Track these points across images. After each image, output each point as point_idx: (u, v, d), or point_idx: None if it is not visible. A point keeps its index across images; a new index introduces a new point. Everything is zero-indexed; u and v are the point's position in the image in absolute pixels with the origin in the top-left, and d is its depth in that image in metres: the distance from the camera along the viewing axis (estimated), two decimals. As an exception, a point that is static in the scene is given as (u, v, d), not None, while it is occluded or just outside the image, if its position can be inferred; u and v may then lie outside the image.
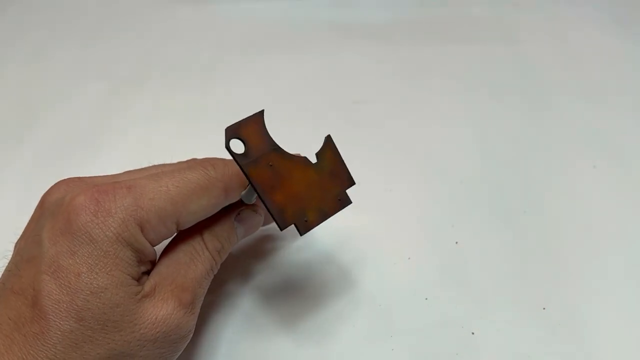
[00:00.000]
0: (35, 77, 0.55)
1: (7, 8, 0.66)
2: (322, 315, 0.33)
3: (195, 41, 0.59)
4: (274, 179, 0.25)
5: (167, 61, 0.56)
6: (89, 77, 0.55)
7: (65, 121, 0.49)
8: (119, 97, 0.52)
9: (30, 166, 0.45)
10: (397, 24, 0.60)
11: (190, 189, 0.26)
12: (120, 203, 0.24)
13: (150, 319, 0.24)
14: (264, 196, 0.25)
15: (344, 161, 0.28)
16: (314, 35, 0.59)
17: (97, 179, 0.28)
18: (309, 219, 0.26)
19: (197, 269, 0.26)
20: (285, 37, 0.59)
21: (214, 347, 0.31)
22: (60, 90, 0.53)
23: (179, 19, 0.63)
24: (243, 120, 0.25)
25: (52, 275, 0.23)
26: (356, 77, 0.52)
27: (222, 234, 0.28)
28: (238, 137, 0.24)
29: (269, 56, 0.56)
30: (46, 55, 0.58)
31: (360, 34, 0.59)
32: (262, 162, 0.25)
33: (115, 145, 0.46)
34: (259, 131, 0.25)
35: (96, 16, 0.65)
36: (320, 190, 0.27)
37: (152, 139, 0.47)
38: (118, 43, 0.60)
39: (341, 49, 0.56)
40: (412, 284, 0.34)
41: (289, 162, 0.26)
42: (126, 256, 0.24)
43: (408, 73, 0.53)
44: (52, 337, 0.22)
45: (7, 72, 0.56)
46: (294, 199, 0.26)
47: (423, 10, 0.62)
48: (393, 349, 0.31)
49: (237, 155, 0.24)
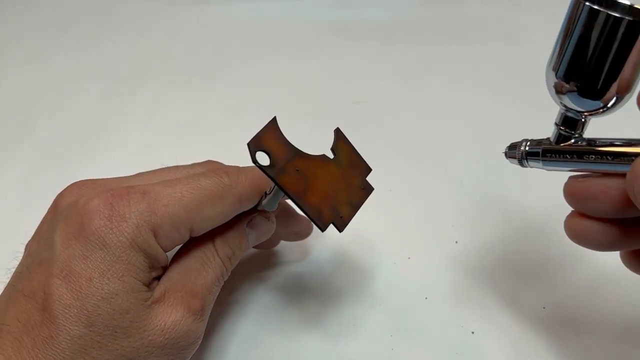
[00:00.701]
0: (35, 77, 0.55)
1: (6, 8, 0.66)
2: (322, 316, 0.33)
3: (195, 41, 0.59)
4: (303, 183, 0.25)
5: (167, 61, 0.57)
6: (88, 77, 0.55)
7: (65, 121, 0.49)
8: (119, 97, 0.52)
9: (31, 166, 0.45)
10: (397, 23, 0.60)
11: (204, 196, 0.25)
12: (135, 208, 0.24)
13: (159, 326, 0.24)
14: (300, 202, 0.25)
15: (357, 151, 0.28)
16: (314, 35, 0.59)
17: (110, 182, 0.28)
18: (343, 214, 0.27)
19: (208, 275, 0.26)
20: (285, 37, 0.59)
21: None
22: (60, 90, 0.53)
23: (179, 19, 0.63)
24: (261, 131, 0.25)
25: (64, 280, 0.22)
26: (356, 77, 0.52)
27: (233, 241, 0.28)
28: (261, 149, 0.24)
29: (269, 56, 0.56)
30: (46, 55, 0.58)
31: (360, 34, 0.59)
32: (290, 169, 0.25)
33: (115, 145, 0.46)
34: (278, 138, 0.25)
35: (96, 16, 0.65)
36: (345, 184, 0.27)
37: (152, 139, 0.47)
38: (118, 43, 0.60)
39: (341, 49, 0.56)
40: (412, 284, 0.34)
41: (312, 163, 0.26)
42: (138, 262, 0.24)
43: (408, 73, 0.53)
44: (61, 342, 0.22)
45: (7, 72, 0.56)
46: (326, 198, 0.26)
47: (423, 10, 0.62)
48: (393, 349, 0.31)
49: (266, 168, 0.24)
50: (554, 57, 0.24)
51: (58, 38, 0.61)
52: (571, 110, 0.24)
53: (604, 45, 0.22)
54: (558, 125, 0.25)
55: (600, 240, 0.25)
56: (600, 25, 0.22)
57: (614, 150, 0.23)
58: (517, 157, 0.26)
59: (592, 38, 0.22)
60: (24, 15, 0.66)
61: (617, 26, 0.21)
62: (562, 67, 0.23)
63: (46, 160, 0.45)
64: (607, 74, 0.22)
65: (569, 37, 0.23)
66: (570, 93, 0.23)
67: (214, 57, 0.56)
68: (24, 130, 0.48)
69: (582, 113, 0.24)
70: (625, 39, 0.21)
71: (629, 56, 0.22)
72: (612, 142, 0.24)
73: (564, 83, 0.23)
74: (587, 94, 0.23)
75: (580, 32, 0.22)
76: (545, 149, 0.25)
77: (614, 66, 0.22)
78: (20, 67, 0.57)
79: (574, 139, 0.25)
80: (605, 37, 0.22)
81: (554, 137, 0.25)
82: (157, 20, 0.63)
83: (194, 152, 0.34)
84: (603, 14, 0.21)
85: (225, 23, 0.62)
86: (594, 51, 0.22)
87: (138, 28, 0.62)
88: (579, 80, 0.23)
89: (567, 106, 0.24)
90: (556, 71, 0.23)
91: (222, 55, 0.57)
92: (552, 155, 0.25)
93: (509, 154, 0.27)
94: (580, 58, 0.23)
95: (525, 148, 0.26)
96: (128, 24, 0.63)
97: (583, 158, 0.24)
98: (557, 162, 0.25)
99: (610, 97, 0.23)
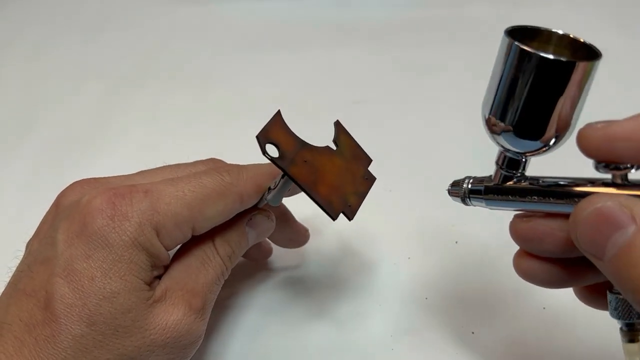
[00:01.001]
0: (34, 77, 0.55)
1: (6, 7, 0.66)
2: (322, 316, 0.33)
3: (195, 41, 0.59)
4: (312, 174, 0.26)
5: (167, 61, 0.57)
6: (88, 77, 0.55)
7: (65, 120, 0.49)
8: (118, 97, 0.52)
9: (31, 164, 0.45)
10: (397, 24, 0.60)
11: (206, 195, 0.25)
12: (137, 207, 0.24)
13: (160, 325, 0.24)
14: (311, 193, 0.25)
15: (357, 142, 0.29)
16: (314, 35, 0.59)
17: (112, 181, 0.27)
18: (351, 203, 0.27)
19: (208, 274, 0.26)
20: (285, 37, 0.59)
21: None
22: (59, 90, 0.53)
23: (179, 18, 0.63)
24: (268, 124, 0.25)
25: (66, 279, 0.22)
26: (356, 77, 0.52)
27: (233, 239, 0.28)
28: (270, 141, 0.25)
29: (268, 56, 0.56)
30: (46, 54, 0.58)
31: (360, 34, 0.59)
32: (299, 161, 0.25)
33: (115, 144, 0.46)
34: (285, 130, 0.25)
35: (96, 16, 0.65)
36: (350, 174, 0.28)
37: (151, 139, 0.47)
38: (118, 43, 0.60)
39: (341, 49, 0.56)
40: (412, 284, 0.34)
41: (318, 155, 0.26)
42: (140, 261, 0.24)
43: (408, 73, 0.53)
44: (63, 341, 0.22)
45: (7, 71, 0.56)
46: (334, 188, 0.26)
47: (423, 10, 0.62)
48: (393, 349, 0.31)
49: (276, 159, 0.24)
50: (488, 96, 0.23)
51: (58, 38, 0.61)
52: (510, 151, 0.23)
53: (537, 86, 0.20)
54: (498, 165, 0.24)
55: (548, 279, 0.24)
56: (532, 66, 0.20)
57: (558, 190, 0.22)
58: (459, 196, 0.25)
59: (524, 78, 0.21)
60: (25, 14, 0.66)
61: (550, 67, 0.20)
62: (496, 108, 0.22)
63: (47, 159, 0.45)
64: (543, 114, 0.21)
65: (500, 76, 0.22)
66: (505, 133, 0.22)
67: (214, 57, 0.56)
68: (25, 128, 0.48)
69: (521, 154, 0.23)
70: (560, 78, 0.20)
71: (565, 94, 0.20)
72: (556, 181, 0.22)
73: (499, 123, 0.22)
74: (523, 135, 0.22)
75: (512, 72, 0.21)
76: (488, 188, 0.24)
77: (550, 106, 0.21)
78: (21, 66, 0.57)
79: (515, 178, 0.24)
80: (538, 78, 0.20)
81: (495, 177, 0.24)
82: (158, 19, 0.63)
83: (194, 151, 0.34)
84: (535, 55, 0.20)
85: (225, 23, 0.62)
86: (528, 92, 0.21)
87: (138, 27, 0.62)
88: (514, 122, 0.21)
89: (505, 147, 0.23)
90: (490, 112, 0.22)
91: (222, 54, 0.57)
92: (494, 194, 0.24)
93: (452, 191, 0.26)
94: (514, 99, 0.21)
95: (468, 186, 0.25)
96: (128, 24, 0.63)
97: (526, 198, 0.23)
98: (500, 201, 0.24)
99: (550, 137, 0.21)
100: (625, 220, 0.18)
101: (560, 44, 0.22)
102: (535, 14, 0.60)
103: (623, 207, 0.19)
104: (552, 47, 0.22)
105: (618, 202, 0.19)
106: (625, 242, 0.18)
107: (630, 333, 0.22)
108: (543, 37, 0.22)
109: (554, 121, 0.21)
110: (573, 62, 0.20)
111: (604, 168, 0.20)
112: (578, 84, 0.20)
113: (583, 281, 0.25)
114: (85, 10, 0.66)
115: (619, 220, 0.19)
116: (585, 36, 0.22)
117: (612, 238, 0.19)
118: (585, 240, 0.20)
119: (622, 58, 0.53)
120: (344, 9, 0.63)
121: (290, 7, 0.63)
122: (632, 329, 0.22)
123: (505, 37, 0.21)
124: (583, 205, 0.20)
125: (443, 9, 0.62)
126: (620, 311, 0.22)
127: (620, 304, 0.22)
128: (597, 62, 0.20)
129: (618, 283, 0.19)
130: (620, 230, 0.18)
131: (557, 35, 0.22)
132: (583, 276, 0.24)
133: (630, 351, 0.22)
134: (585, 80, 0.21)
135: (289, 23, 0.61)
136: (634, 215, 0.18)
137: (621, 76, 0.51)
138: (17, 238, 0.27)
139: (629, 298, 0.19)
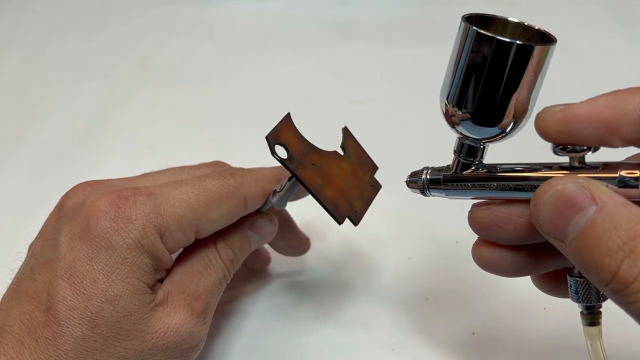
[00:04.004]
0: (34, 76, 0.55)
1: (5, 6, 0.66)
2: (322, 317, 0.33)
3: (195, 41, 0.59)
4: (320, 177, 0.26)
5: (167, 61, 0.56)
6: (88, 76, 0.55)
7: (65, 120, 0.49)
8: (118, 96, 0.52)
9: (32, 165, 0.45)
10: (397, 23, 0.60)
11: (210, 198, 0.25)
12: (141, 210, 0.24)
13: (162, 328, 0.24)
14: (319, 196, 0.25)
15: (364, 149, 0.29)
16: (313, 34, 0.59)
17: (116, 183, 0.27)
18: (357, 208, 0.27)
19: (210, 277, 0.26)
20: (285, 36, 0.59)
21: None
22: (59, 89, 0.53)
23: (179, 18, 0.63)
24: (278, 125, 0.25)
25: (68, 281, 0.22)
26: (356, 77, 0.52)
27: (235, 243, 0.28)
28: (279, 143, 0.25)
29: (268, 56, 0.56)
30: (46, 54, 0.58)
31: (361, 34, 0.59)
32: (307, 163, 0.25)
33: (115, 144, 0.46)
34: (294, 133, 0.25)
35: (96, 15, 0.65)
36: (356, 180, 0.28)
37: (151, 139, 0.47)
38: (118, 42, 0.60)
39: (341, 48, 0.56)
40: (412, 284, 0.34)
41: (326, 158, 0.26)
42: (143, 264, 0.24)
43: (408, 73, 0.53)
44: (64, 344, 0.22)
45: (6, 70, 0.56)
46: (341, 193, 0.26)
47: (423, 9, 0.62)
48: (393, 349, 0.31)
49: (285, 160, 0.24)
50: (445, 83, 0.22)
51: (58, 38, 0.61)
52: (468, 138, 0.23)
53: (495, 71, 0.20)
54: (456, 153, 0.24)
55: (509, 268, 0.24)
56: (489, 50, 0.20)
57: (516, 176, 0.22)
58: (418, 187, 0.25)
59: (481, 63, 0.20)
60: (25, 14, 0.65)
61: (507, 51, 0.20)
62: (454, 95, 0.22)
63: (48, 160, 0.45)
64: (500, 100, 0.21)
65: (458, 62, 0.21)
66: (464, 121, 0.22)
67: (213, 57, 0.56)
68: (26, 130, 0.48)
69: (479, 140, 0.23)
70: (517, 63, 0.20)
71: (522, 79, 0.20)
72: (513, 167, 0.22)
73: (457, 111, 0.22)
74: (481, 121, 0.22)
75: (469, 57, 0.21)
76: (446, 178, 0.24)
77: (507, 91, 0.21)
78: (20, 66, 0.57)
79: (474, 166, 0.23)
80: (495, 63, 0.20)
81: (453, 166, 0.24)
82: (157, 19, 0.63)
83: (193, 151, 0.34)
84: (491, 39, 0.20)
85: (224, 22, 0.62)
86: (485, 77, 0.21)
87: (138, 27, 0.62)
88: (471, 108, 0.21)
89: (463, 134, 0.23)
90: (448, 99, 0.22)
91: (222, 54, 0.57)
92: (453, 184, 0.24)
93: (410, 183, 0.26)
94: (471, 85, 0.21)
95: (427, 176, 0.25)
96: (128, 24, 0.63)
97: (485, 186, 0.23)
98: (459, 190, 0.24)
99: (508, 123, 0.21)
100: (585, 202, 0.18)
101: (516, 31, 0.22)
102: (536, 14, 0.60)
103: (583, 189, 0.19)
104: (508, 34, 0.22)
105: (578, 184, 0.19)
106: (586, 223, 0.18)
107: (590, 316, 0.22)
108: (499, 25, 0.23)
109: (512, 107, 0.21)
110: (530, 46, 0.20)
111: (562, 151, 0.21)
112: (534, 68, 0.20)
113: (543, 268, 0.25)
114: (85, 10, 0.66)
115: (579, 202, 0.19)
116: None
117: (573, 219, 0.19)
118: (547, 224, 0.20)
119: (622, 58, 0.53)
120: (344, 9, 0.63)
121: (290, 6, 0.63)
122: (592, 312, 0.22)
123: (463, 22, 0.21)
124: (544, 188, 0.20)
125: (443, 9, 0.62)
126: (580, 295, 0.22)
127: (580, 287, 0.22)
128: (553, 46, 0.20)
129: (581, 264, 0.19)
130: (582, 212, 0.18)
131: (513, 24, 0.22)
132: (543, 263, 0.24)
133: (591, 334, 0.23)
134: (542, 65, 0.20)
135: (289, 23, 0.61)
136: (594, 196, 0.18)
137: (621, 76, 0.51)
138: (19, 240, 0.27)
139: (592, 279, 0.19)
